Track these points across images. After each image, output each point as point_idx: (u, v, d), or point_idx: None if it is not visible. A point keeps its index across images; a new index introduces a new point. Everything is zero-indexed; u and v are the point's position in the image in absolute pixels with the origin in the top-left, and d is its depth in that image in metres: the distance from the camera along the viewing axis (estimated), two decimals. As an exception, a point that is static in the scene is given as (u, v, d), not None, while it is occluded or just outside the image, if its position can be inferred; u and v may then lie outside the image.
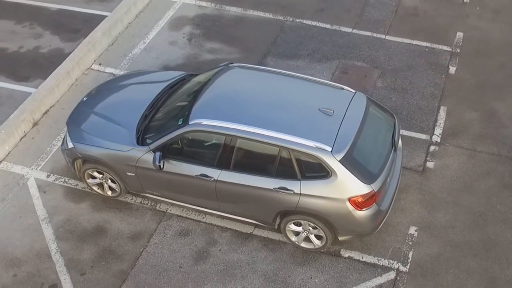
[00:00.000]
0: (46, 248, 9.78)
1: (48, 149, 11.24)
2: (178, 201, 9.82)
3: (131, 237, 9.83)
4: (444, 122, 11.24)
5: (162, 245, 9.70)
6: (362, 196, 8.57)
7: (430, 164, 10.56)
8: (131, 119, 9.88)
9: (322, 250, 9.50)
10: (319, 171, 8.64)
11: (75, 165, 10.18)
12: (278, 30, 13.24)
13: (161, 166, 9.16)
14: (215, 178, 9.14)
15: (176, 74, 10.74)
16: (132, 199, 10.36)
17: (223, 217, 9.76)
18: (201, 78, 10.01)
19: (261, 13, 13.67)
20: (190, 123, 9.04)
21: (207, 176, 9.18)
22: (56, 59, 12.90)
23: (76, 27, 13.80)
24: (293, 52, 12.65)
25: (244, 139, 8.80)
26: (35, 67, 12.88)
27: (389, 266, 9.30)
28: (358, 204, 8.62)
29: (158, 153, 9.16)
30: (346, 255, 9.45)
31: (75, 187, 10.60)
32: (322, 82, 9.50)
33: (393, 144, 9.12)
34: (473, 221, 9.78)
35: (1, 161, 11.11)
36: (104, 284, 9.29)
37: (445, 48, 12.71)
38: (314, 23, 13.36)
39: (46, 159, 11.04)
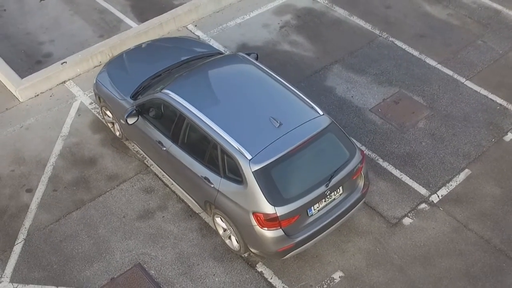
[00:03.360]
0: (46, 160, 10.74)
1: (106, 81, 12.07)
2: (150, 158, 10.10)
3: (109, 176, 10.35)
4: (456, 185, 9.78)
5: (125, 193, 10.08)
6: (264, 215, 8.05)
7: (407, 221, 9.35)
8: (144, 76, 10.23)
9: (243, 255, 9.09)
10: (236, 175, 8.29)
11: (98, 99, 10.91)
12: (366, 43, 12.40)
13: (127, 121, 9.46)
14: (166, 149, 9.22)
15: (213, 50, 10.75)
16: (133, 146, 10.82)
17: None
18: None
19: (363, 22, 12.88)
20: (161, 91, 9.18)
21: (161, 144, 9.30)
22: (176, 12, 13.58)
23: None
24: (362, 68, 11.82)
25: (191, 120, 8.74)
26: (157, 13, 13.71)
27: (289, 297, 8.62)
28: (260, 222, 8.13)
29: (130, 109, 9.50)
30: (259, 269, 8.95)
31: (102, 119, 11.35)
32: (298, 95, 8.90)
33: (330, 179, 8.28)
34: (405, 293, 8.56)
35: (69, 80, 12.27)
36: (62, 205, 9.98)
37: (519, 112, 10.88)
38: (404, 46, 12.25)
39: (99, 89, 11.92)
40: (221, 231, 9.18)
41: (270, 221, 8.07)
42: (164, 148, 9.27)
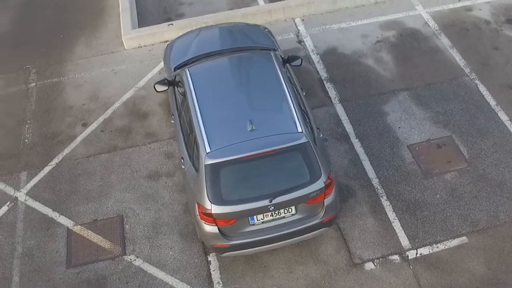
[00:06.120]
0: (112, 103, 11.62)
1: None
2: None
3: (148, 133, 10.94)
4: (442, 249, 8.69)
5: (150, 151, 10.58)
6: (202, 207, 8.05)
7: (369, 266, 8.60)
8: (196, 52, 10.46)
9: (204, 240, 9.13)
10: (197, 163, 8.34)
11: (167, 63, 11.44)
12: (449, 78, 11.21)
13: (155, 88, 9.88)
14: (174, 122, 9.54)
15: (272, 45, 10.57)
16: (182, 113, 11.22)
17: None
18: None
19: (459, 57, 11.61)
20: (183, 69, 9.44)
21: (173, 115, 9.62)
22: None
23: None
24: (428, 102, 10.76)
25: (187, 102, 8.89)
26: None
27: (217, 293, 8.54)
28: (200, 213, 8.15)
29: (162, 77, 9.90)
30: (210, 259, 8.98)
31: (173, 82, 11.88)
32: (290, 107, 8.50)
33: (274, 196, 7.94)
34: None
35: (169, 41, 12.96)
36: (99, 145, 10.80)
37: None
38: (484, 93, 10.85)
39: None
40: (196, 211, 9.25)
41: (206, 216, 8.01)
42: (172, 121, 9.52)
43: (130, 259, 8.99)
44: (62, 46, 13.11)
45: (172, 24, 12.82)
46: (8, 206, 9.87)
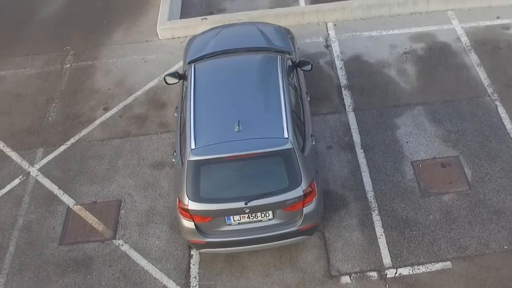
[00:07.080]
0: (135, 90, 11.84)
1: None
2: None
3: (161, 123, 11.08)
4: (423, 272, 8.36)
5: (160, 141, 10.71)
6: (181, 202, 8.10)
7: (345, 279, 8.39)
8: (212, 49, 10.46)
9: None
10: (183, 157, 8.38)
11: (190, 57, 11.53)
12: (469, 97, 10.71)
13: (165, 79, 9.98)
14: (177, 115, 9.62)
15: (287, 48, 10.43)
16: (198, 107, 11.28)
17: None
18: None
19: (485, 75, 11.06)
20: (192, 64, 9.50)
21: (176, 109, 9.72)
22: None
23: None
24: (442, 120, 10.33)
25: (185, 97, 8.95)
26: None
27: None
28: (178, 207, 8.20)
29: (173, 70, 10.00)
30: (192, 253, 9.00)
31: (196, 76, 11.96)
32: (280, 112, 8.36)
33: (250, 199, 7.88)
34: None
35: (203, 34, 13.02)
36: (114, 130, 11.02)
37: None
38: (503, 115, 10.27)
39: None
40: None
41: (184, 211, 8.04)
42: (176, 114, 9.60)
43: (118, 244, 9.14)
44: (102, 31, 13.45)
45: (206, 19, 12.89)
46: (20, 179, 10.23)
